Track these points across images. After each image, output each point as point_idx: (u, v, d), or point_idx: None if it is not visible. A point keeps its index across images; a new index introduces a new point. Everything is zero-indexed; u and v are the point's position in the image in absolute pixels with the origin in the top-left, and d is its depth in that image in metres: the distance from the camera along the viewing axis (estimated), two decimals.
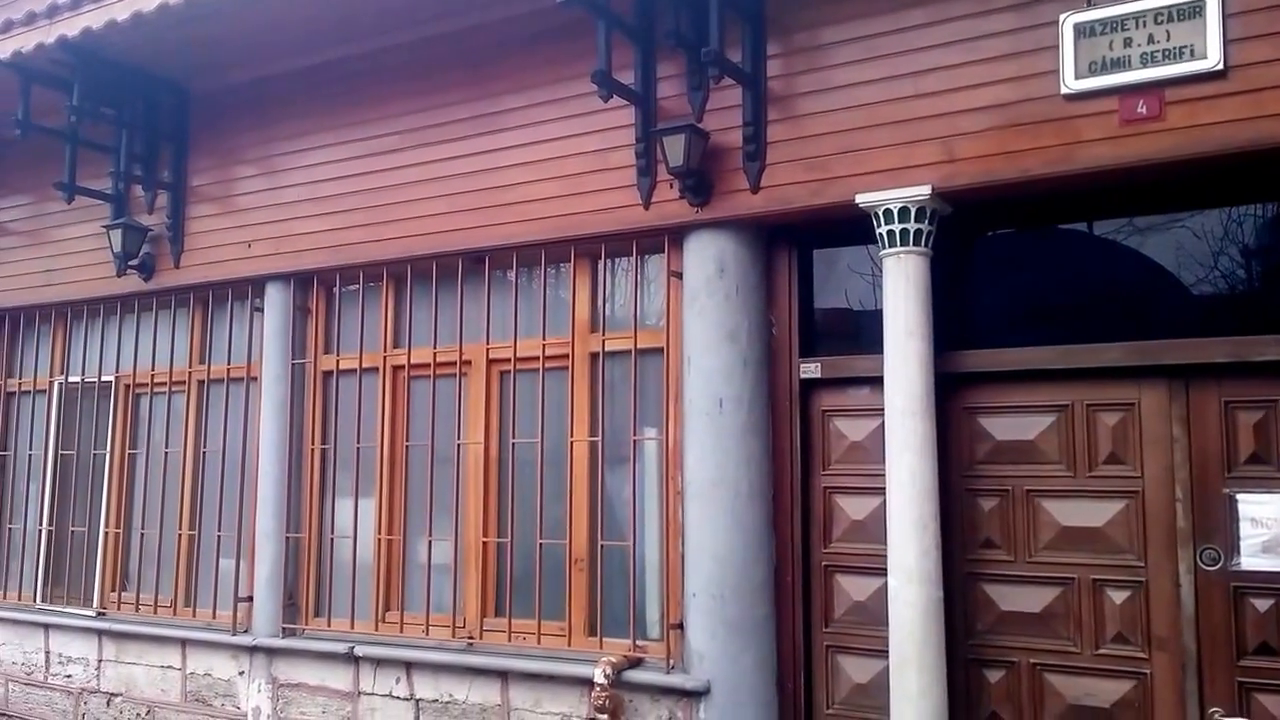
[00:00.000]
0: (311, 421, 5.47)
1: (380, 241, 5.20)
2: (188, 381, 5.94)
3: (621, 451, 4.65)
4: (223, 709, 5.45)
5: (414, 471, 5.17)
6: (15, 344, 6.71)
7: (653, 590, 4.57)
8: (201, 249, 5.79)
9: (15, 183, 6.59)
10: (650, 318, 4.71)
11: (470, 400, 5.05)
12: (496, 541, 4.90)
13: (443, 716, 4.79)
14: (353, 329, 5.39)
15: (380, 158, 5.23)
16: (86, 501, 6.22)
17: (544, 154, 4.77)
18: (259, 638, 5.34)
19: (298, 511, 5.42)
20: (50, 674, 6.12)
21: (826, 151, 4.14)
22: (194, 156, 5.89)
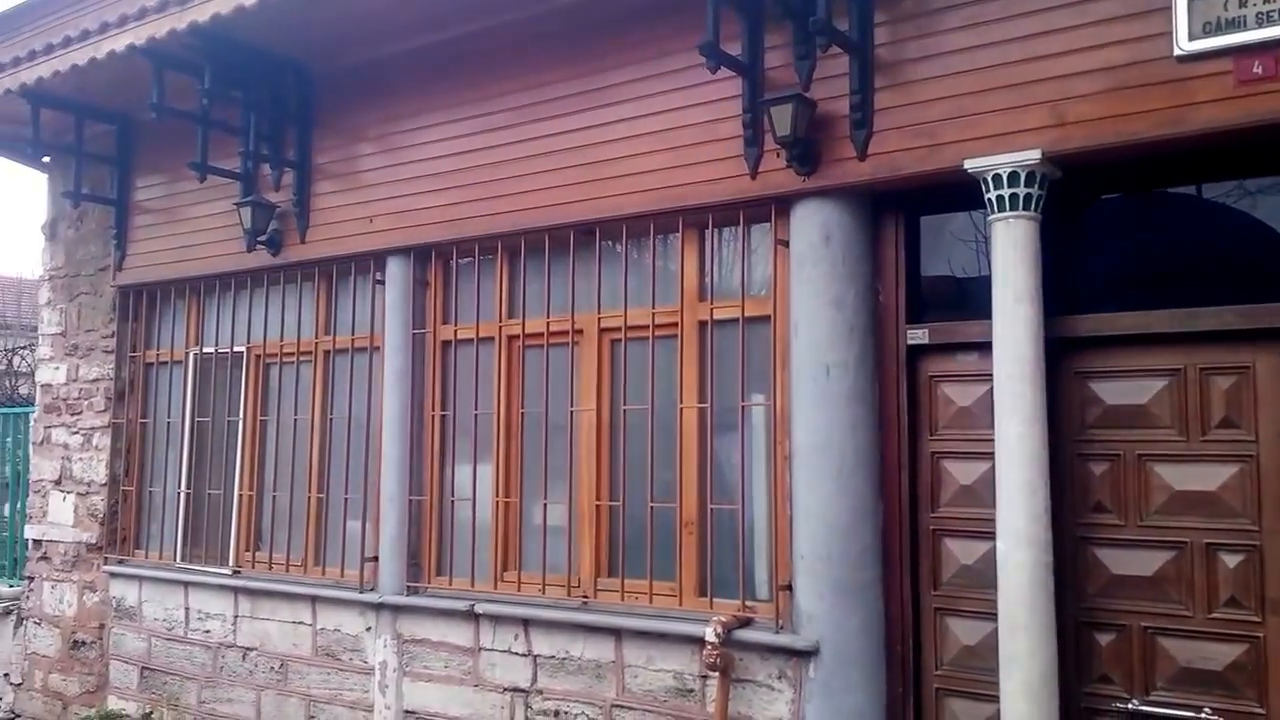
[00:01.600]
0: (431, 389, 5.70)
1: (494, 215, 5.37)
2: (314, 352, 6.24)
3: (730, 417, 4.76)
4: (351, 663, 5.75)
5: (529, 437, 5.36)
6: (153, 317, 7.10)
7: (761, 552, 4.68)
8: (326, 225, 6.06)
9: (151, 164, 6.96)
10: (757, 286, 4.79)
11: (582, 368, 5.21)
12: (609, 505, 5.07)
13: (559, 672, 4.99)
14: (469, 300, 5.60)
15: (492, 134, 5.40)
16: (222, 466, 6.59)
17: (651, 126, 4.87)
18: (384, 595, 5.61)
19: (419, 475, 5.67)
20: (190, 629, 6.51)
21: (934, 118, 4.15)
22: (318, 136, 6.14)
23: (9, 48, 6.05)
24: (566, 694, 4.96)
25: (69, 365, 7.37)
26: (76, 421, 7.28)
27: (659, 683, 4.70)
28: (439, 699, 5.37)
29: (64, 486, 7.28)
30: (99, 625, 6.95)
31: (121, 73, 5.79)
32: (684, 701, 4.63)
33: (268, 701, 6.07)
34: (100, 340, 7.21)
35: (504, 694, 5.15)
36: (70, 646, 7.10)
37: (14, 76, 6.07)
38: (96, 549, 7.04)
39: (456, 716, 5.30)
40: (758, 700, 4.44)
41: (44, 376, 7.53)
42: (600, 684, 4.86)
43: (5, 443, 8.30)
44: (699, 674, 4.59)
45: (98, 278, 7.26)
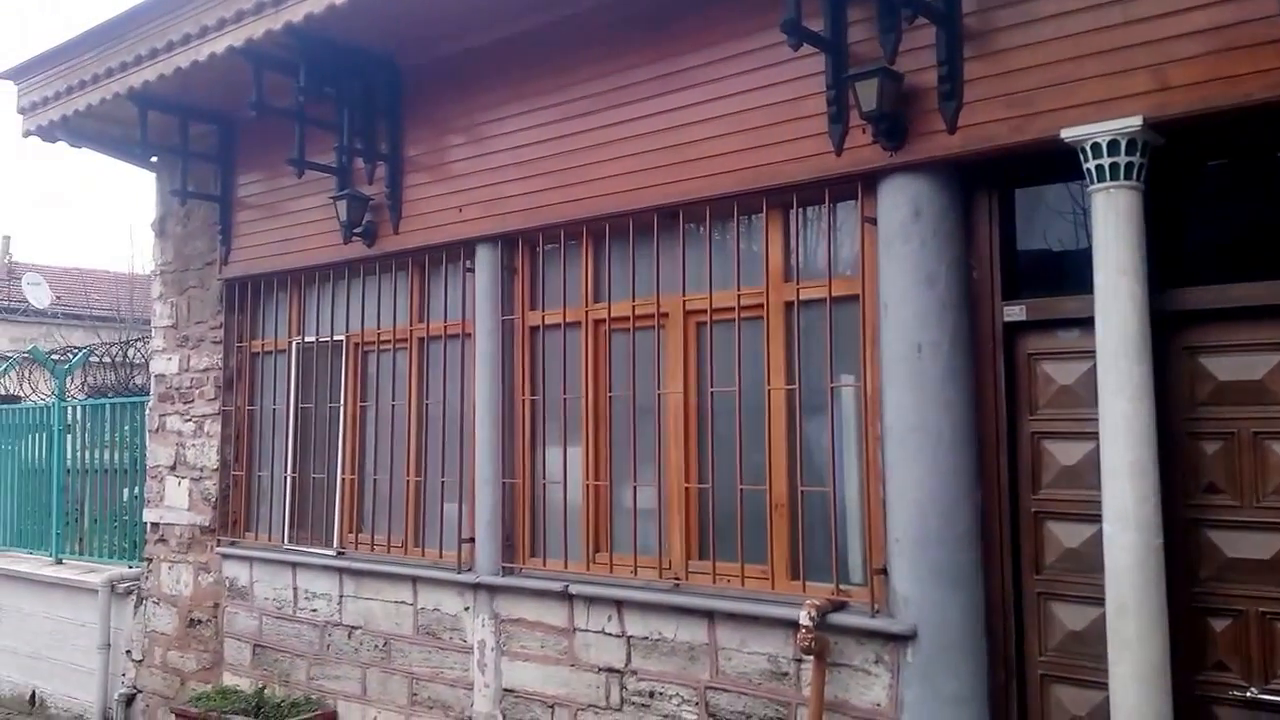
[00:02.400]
0: (521, 374, 5.77)
1: (577, 201, 5.39)
2: (409, 339, 6.37)
3: (818, 398, 4.69)
4: (451, 642, 5.88)
5: (617, 420, 5.38)
6: (258, 308, 7.33)
7: (854, 535, 4.62)
8: (417, 215, 6.16)
9: (252, 161, 7.17)
10: (844, 265, 4.70)
11: (668, 351, 5.20)
12: (698, 487, 5.06)
13: (653, 653, 5.02)
14: (556, 286, 5.63)
15: (575, 120, 5.40)
16: (325, 451, 6.78)
17: (732, 107, 4.81)
18: (481, 576, 5.71)
19: (511, 458, 5.75)
20: (298, 608, 6.73)
21: (1028, 86, 4.00)
22: (408, 128, 6.24)
23: (117, 53, 6.29)
24: (661, 675, 4.98)
25: (180, 356, 7.67)
26: (189, 409, 7.57)
27: (753, 665, 4.69)
28: (536, 678, 5.45)
29: (178, 472, 7.59)
30: (214, 604, 7.23)
31: (221, 74, 5.96)
32: (779, 684, 4.61)
33: (373, 679, 6.24)
34: (209, 331, 7.48)
35: (599, 674, 5.20)
36: (187, 625, 7.42)
37: (122, 81, 6.31)
38: (210, 531, 7.32)
39: (554, 695, 5.37)
40: (854, 684, 4.39)
41: (157, 367, 7.85)
42: (694, 666, 4.87)
43: (123, 430, 8.68)
44: (793, 657, 4.56)
45: (205, 272, 7.52)
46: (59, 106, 6.77)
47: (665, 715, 4.95)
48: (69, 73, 6.62)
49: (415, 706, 6.00)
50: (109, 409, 8.93)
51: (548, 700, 5.39)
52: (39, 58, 6.85)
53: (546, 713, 5.39)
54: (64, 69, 6.66)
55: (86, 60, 6.48)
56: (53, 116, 6.84)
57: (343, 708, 6.36)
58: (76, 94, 6.60)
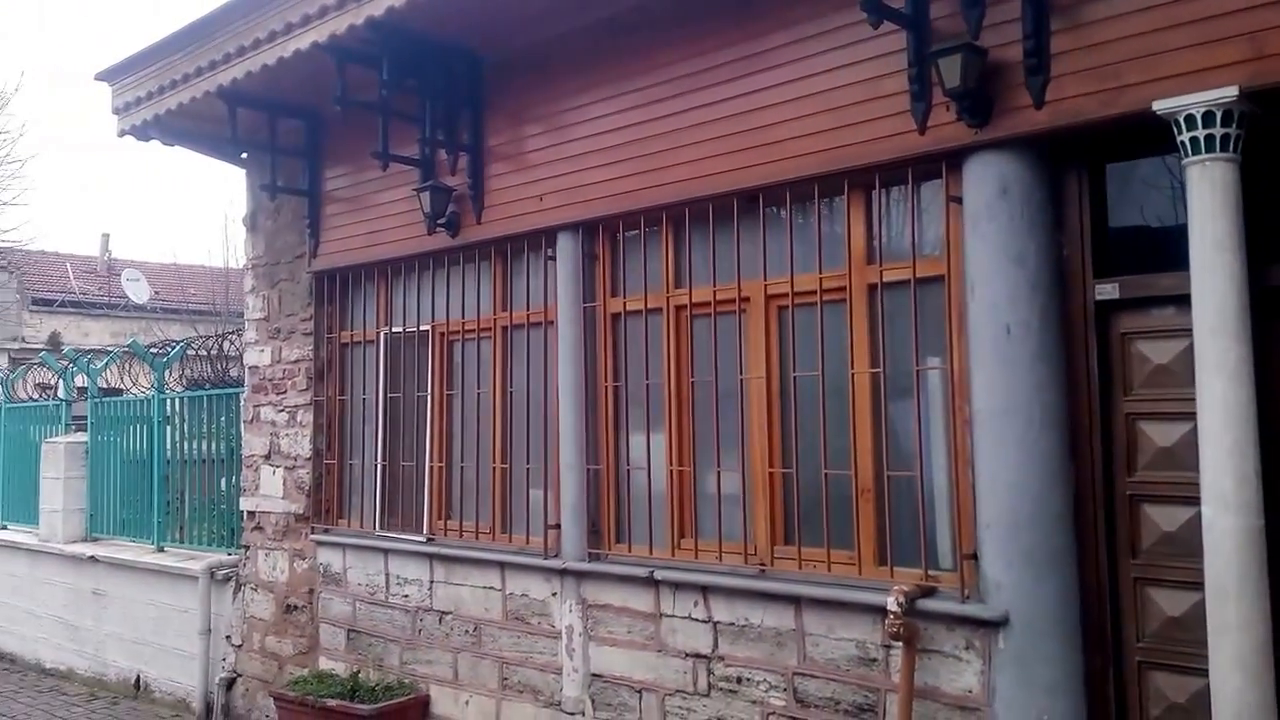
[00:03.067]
0: (603, 361, 5.80)
1: (658, 187, 5.39)
2: (493, 327, 6.44)
3: (904, 382, 4.63)
4: (540, 627, 5.95)
5: (699, 406, 5.38)
6: (346, 300, 7.49)
7: (943, 520, 4.55)
8: (499, 205, 6.23)
9: (338, 155, 7.31)
10: (928, 246, 4.62)
11: (750, 336, 5.18)
12: (782, 472, 5.03)
13: (739, 639, 5.02)
14: (637, 272, 5.65)
15: (654, 106, 5.40)
16: (413, 439, 6.90)
17: (813, 88, 4.76)
18: (567, 562, 5.77)
19: (595, 445, 5.79)
20: (390, 594, 6.88)
21: (1117, 59, 3.88)
22: (489, 119, 6.30)
23: (206, 52, 6.46)
24: (749, 661, 4.98)
25: (273, 348, 7.87)
26: (281, 400, 7.77)
27: (841, 651, 4.66)
28: (623, 663, 5.49)
29: (273, 461, 7.80)
30: (309, 590, 7.43)
31: (307, 70, 6.07)
32: (868, 671, 4.58)
33: (464, 663, 6.36)
34: (299, 323, 7.66)
35: (686, 659, 5.22)
36: (283, 610, 7.63)
37: (211, 79, 6.48)
38: (304, 519, 7.52)
39: (642, 680, 5.40)
40: (945, 671, 4.34)
41: (251, 359, 8.08)
42: (781, 652, 4.86)
43: (220, 421, 8.95)
44: (882, 644, 4.52)
45: (295, 265, 7.70)
46: (151, 106, 6.98)
47: (753, 701, 4.95)
48: (160, 73, 6.82)
49: (506, 690, 6.09)
50: (206, 400, 9.21)
51: (635, 685, 5.43)
52: (131, 59, 7.07)
53: (635, 698, 5.43)
54: (155, 69, 6.86)
55: (177, 60, 6.67)
56: (145, 116, 7.05)
57: (435, 691, 6.49)
58: (168, 93, 6.80)
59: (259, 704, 7.69)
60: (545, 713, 5.85)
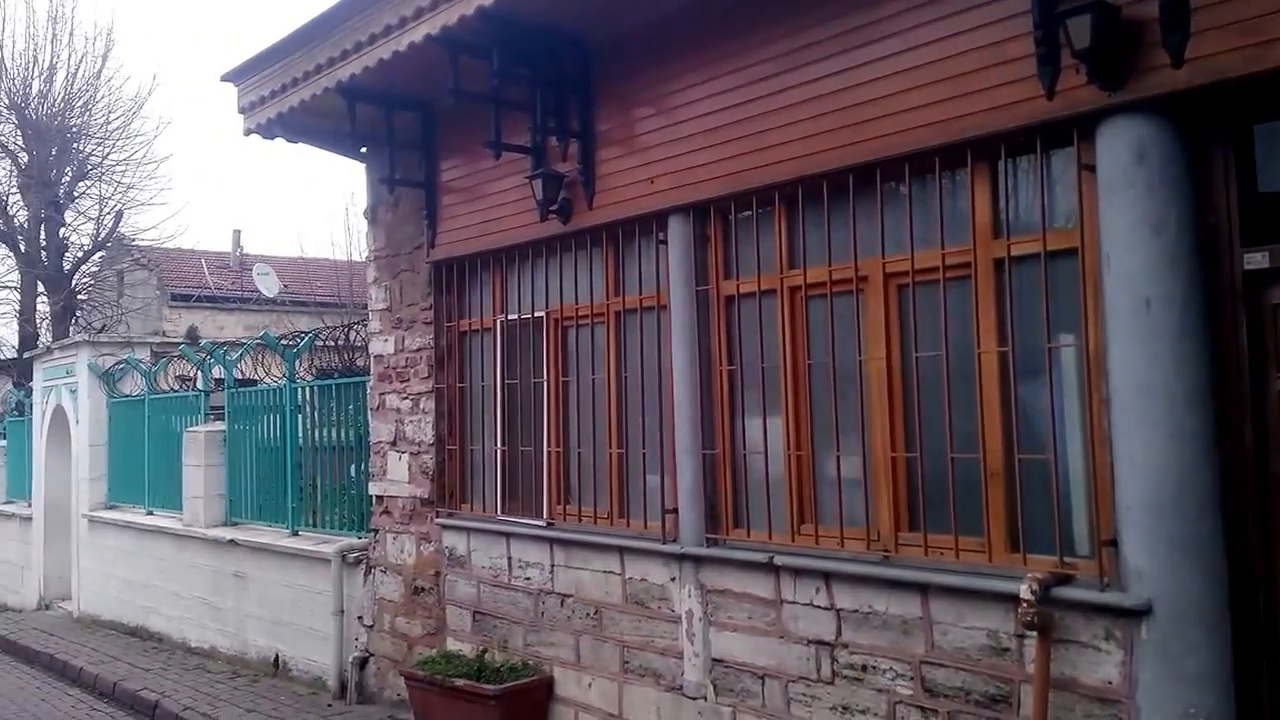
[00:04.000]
0: (717, 344, 5.72)
1: (769, 166, 5.28)
2: (606, 313, 6.43)
3: (1034, 361, 4.43)
4: (659, 611, 5.94)
5: (817, 389, 5.26)
6: (464, 289, 7.59)
7: (1078, 504, 4.34)
8: (610, 190, 6.20)
9: (452, 146, 7.41)
10: (1059, 217, 4.40)
11: (869, 316, 5.03)
12: (905, 456, 4.88)
13: (863, 626, 4.90)
14: (750, 254, 5.55)
15: (763, 83, 5.29)
16: (531, 424, 6.96)
17: (930, 56, 4.58)
18: (685, 546, 5.73)
19: (711, 429, 5.72)
20: (513, 577, 6.96)
21: (1264, 11, 3.60)
22: (598, 104, 6.28)
23: (325, 49, 6.61)
24: (873, 649, 4.86)
25: (395, 337, 8.04)
26: (405, 388, 7.94)
27: (970, 640, 4.50)
28: (744, 649, 5.43)
29: (398, 447, 7.99)
30: (435, 573, 7.59)
31: (420, 63, 6.14)
32: (999, 660, 4.41)
33: (585, 646, 6.39)
34: (420, 313, 7.80)
35: (808, 646, 5.13)
36: (412, 592, 7.82)
37: (330, 75, 6.63)
38: (429, 503, 7.67)
39: (763, 666, 5.33)
40: (1082, 662, 4.15)
41: (375, 348, 8.27)
42: (907, 640, 4.73)
43: (348, 409, 9.20)
44: (1015, 633, 4.34)
45: (414, 255, 7.84)
46: (274, 104, 7.19)
47: (879, 689, 4.83)
48: (282, 71, 7.02)
49: (628, 674, 6.10)
50: (334, 389, 9.48)
51: (757, 671, 5.37)
52: (254, 59, 7.28)
53: (757, 684, 5.37)
54: (277, 68, 7.06)
55: (297, 58, 6.84)
56: (269, 114, 7.27)
57: (559, 673, 6.55)
58: (290, 91, 6.99)
59: (390, 683, 7.91)
60: (667, 697, 5.84)
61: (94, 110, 23.92)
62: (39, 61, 23.42)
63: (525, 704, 6.51)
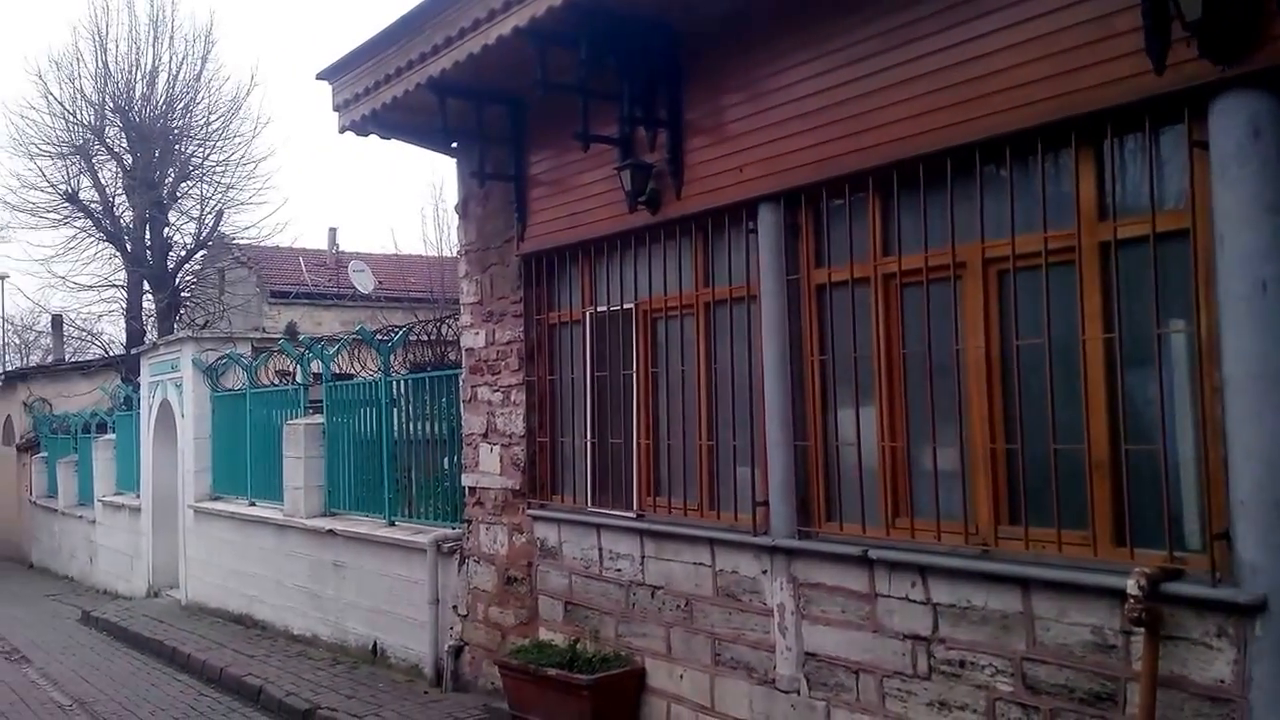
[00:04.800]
0: (809, 334, 5.64)
1: (863, 150, 5.17)
2: (695, 304, 6.39)
3: (1142, 348, 4.26)
4: (750, 604, 5.89)
5: (912, 379, 5.15)
6: (553, 282, 7.62)
7: (1189, 496, 4.17)
8: (699, 179, 6.16)
9: (541, 139, 7.45)
10: (1169, 198, 4.22)
11: (966, 303, 4.90)
12: (1005, 448, 4.75)
13: (961, 622, 4.78)
14: (842, 241, 5.45)
15: (857, 65, 5.18)
16: (621, 417, 6.96)
17: (1031, 32, 4.43)
18: (777, 539, 5.67)
19: (802, 420, 5.64)
20: (604, 568, 6.97)
21: None
22: (687, 92, 6.24)
23: (416, 45, 6.70)
24: (972, 644, 4.74)
25: (487, 330, 8.13)
26: (496, 380, 8.02)
27: (1074, 637, 4.36)
28: (838, 643, 5.35)
29: (490, 439, 8.07)
30: (527, 563, 7.65)
31: (509, 56, 6.18)
32: (1104, 658, 4.26)
33: (676, 638, 6.38)
34: (510, 306, 7.87)
35: (904, 641, 5.03)
36: (504, 582, 7.90)
37: (422, 71, 6.72)
38: (520, 495, 7.74)
39: (858, 661, 5.25)
40: (1192, 659, 3.98)
41: (467, 341, 8.37)
42: (1007, 636, 4.60)
43: (441, 402, 9.34)
44: (1120, 629, 4.19)
45: (504, 249, 7.91)
46: (368, 101, 7.31)
47: (978, 685, 4.71)
48: (375, 68, 7.13)
49: (719, 666, 6.07)
50: (427, 382, 9.63)
51: (851, 666, 5.28)
52: (348, 57, 7.42)
53: (851, 678, 5.29)
54: (369, 65, 7.18)
55: (389, 55, 6.95)
56: (363, 111, 7.40)
57: (650, 665, 6.55)
58: (382, 88, 7.10)
59: (484, 671, 8.01)
60: (759, 690, 5.79)
61: (194, 112, 24.80)
62: (141, 65, 24.36)
63: (617, 694, 6.52)
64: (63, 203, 24.48)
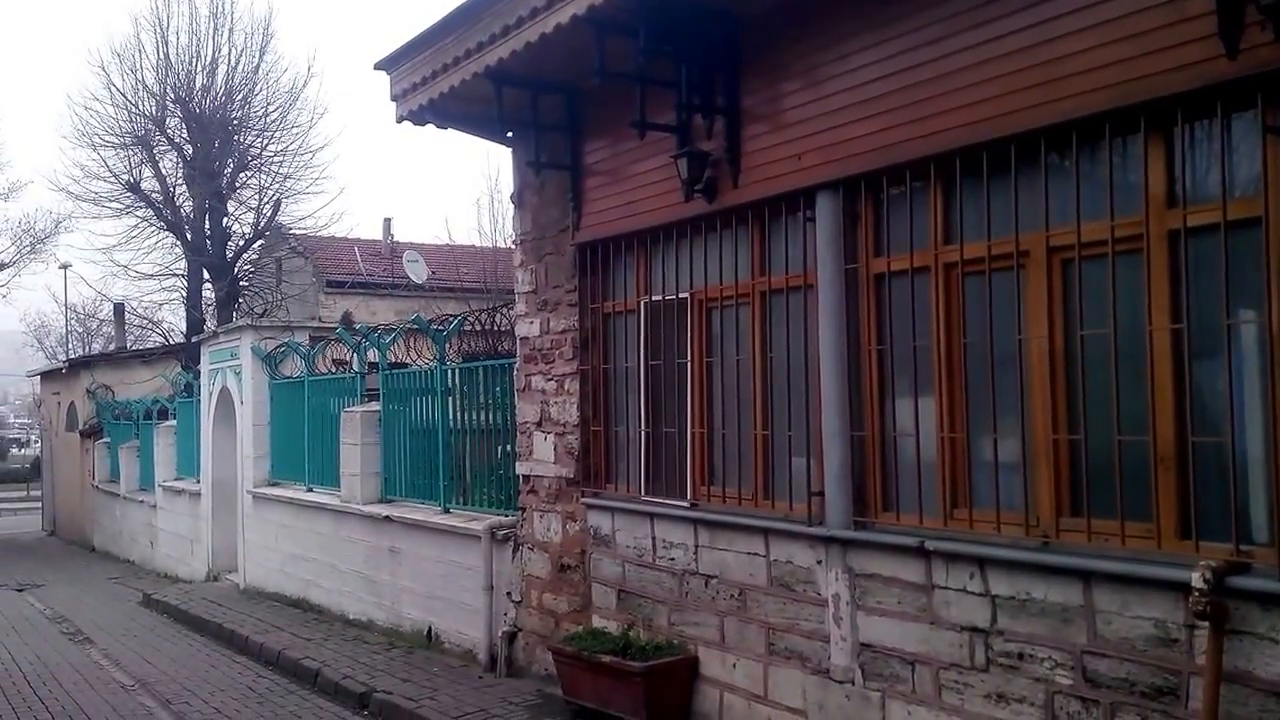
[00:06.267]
0: (866, 324, 5.60)
1: (926, 137, 5.12)
2: (751, 293, 6.37)
3: (1211, 339, 4.18)
4: (805, 594, 5.87)
5: (972, 369, 5.10)
6: (608, 271, 7.63)
7: (1257, 490, 4.08)
8: (756, 167, 6.14)
9: (597, 128, 7.46)
10: (1241, 185, 4.13)
11: (1029, 293, 4.83)
12: (1068, 439, 4.68)
13: (1020, 614, 4.74)
14: (902, 229, 5.40)
15: (920, 50, 5.13)
16: (675, 406, 6.96)
17: (1098, 17, 4.36)
18: (832, 529, 5.65)
19: (859, 411, 5.61)
20: (657, 557, 6.99)
21: None
22: (744, 79, 6.22)
23: (474, 34, 6.73)
24: (1030, 637, 4.69)
25: (541, 319, 8.17)
26: (550, 369, 8.06)
27: (1136, 630, 4.30)
28: (894, 634, 5.33)
29: (544, 428, 8.12)
30: (580, 551, 7.70)
31: (566, 45, 6.21)
32: (1167, 652, 4.20)
33: (730, 627, 6.38)
34: (565, 295, 7.91)
35: (961, 633, 4.99)
36: (558, 570, 7.95)
37: (479, 60, 6.76)
38: (574, 483, 7.78)
39: (913, 653, 5.22)
40: (1258, 655, 3.91)
41: (521, 330, 8.43)
42: (1067, 629, 4.54)
43: (495, 391, 9.41)
44: (1184, 623, 4.13)
45: (559, 238, 7.94)
46: (425, 91, 7.37)
47: (1036, 679, 4.67)
48: (433, 57, 7.18)
49: (773, 656, 6.07)
50: (482, 371, 9.70)
51: (907, 657, 5.26)
52: (406, 46, 7.48)
53: (906, 669, 5.26)
54: (428, 55, 7.24)
55: (447, 44, 7.00)
56: (421, 100, 7.46)
57: (703, 653, 6.56)
58: (440, 77, 7.15)
59: (538, 657, 8.07)
60: (813, 680, 5.78)
61: (253, 102, 25.19)
62: (201, 56, 24.79)
63: (670, 682, 6.55)
64: (125, 192, 25.02)
